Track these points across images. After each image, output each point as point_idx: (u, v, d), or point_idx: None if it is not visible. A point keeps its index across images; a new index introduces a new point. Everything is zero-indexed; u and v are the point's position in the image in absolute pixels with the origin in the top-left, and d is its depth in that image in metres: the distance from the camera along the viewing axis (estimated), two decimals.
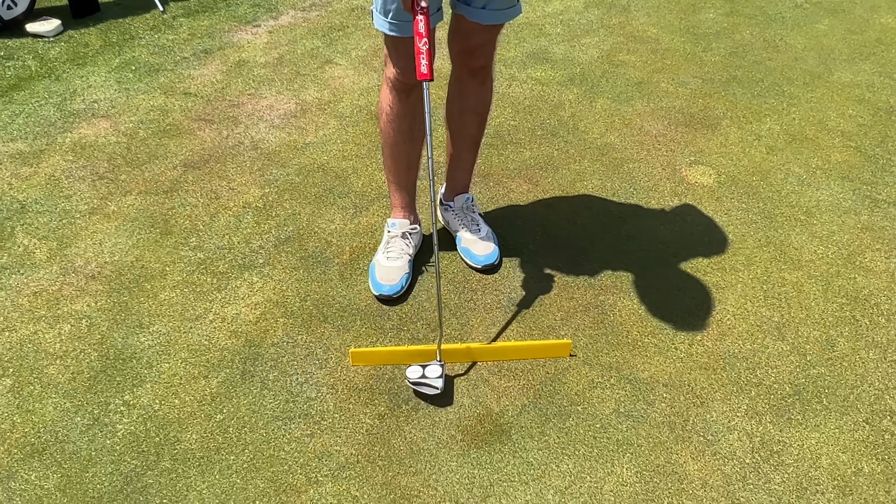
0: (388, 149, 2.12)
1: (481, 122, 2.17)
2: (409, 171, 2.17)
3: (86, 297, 2.16)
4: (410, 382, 1.86)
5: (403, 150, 2.11)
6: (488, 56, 2.01)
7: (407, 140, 2.09)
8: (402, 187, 2.20)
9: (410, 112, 2.02)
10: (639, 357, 2.00)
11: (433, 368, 1.88)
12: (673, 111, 3.03)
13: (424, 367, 1.88)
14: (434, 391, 1.85)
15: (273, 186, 2.59)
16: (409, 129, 2.06)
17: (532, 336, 2.05)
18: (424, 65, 1.64)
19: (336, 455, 1.75)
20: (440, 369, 1.88)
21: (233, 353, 2.00)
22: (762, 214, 2.49)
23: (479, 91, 2.09)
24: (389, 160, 2.15)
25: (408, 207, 2.24)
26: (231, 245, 2.34)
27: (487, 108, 2.15)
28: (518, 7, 1.90)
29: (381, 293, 2.13)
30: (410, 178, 2.20)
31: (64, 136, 2.82)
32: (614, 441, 1.79)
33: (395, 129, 2.06)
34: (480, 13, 1.84)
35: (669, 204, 2.53)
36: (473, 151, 2.25)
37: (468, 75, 2.05)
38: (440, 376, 1.86)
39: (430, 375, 1.86)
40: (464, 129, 2.17)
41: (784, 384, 1.93)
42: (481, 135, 2.21)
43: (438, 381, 1.85)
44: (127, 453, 1.75)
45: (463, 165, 2.27)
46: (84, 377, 1.93)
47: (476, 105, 2.12)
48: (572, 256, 2.31)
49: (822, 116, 3.01)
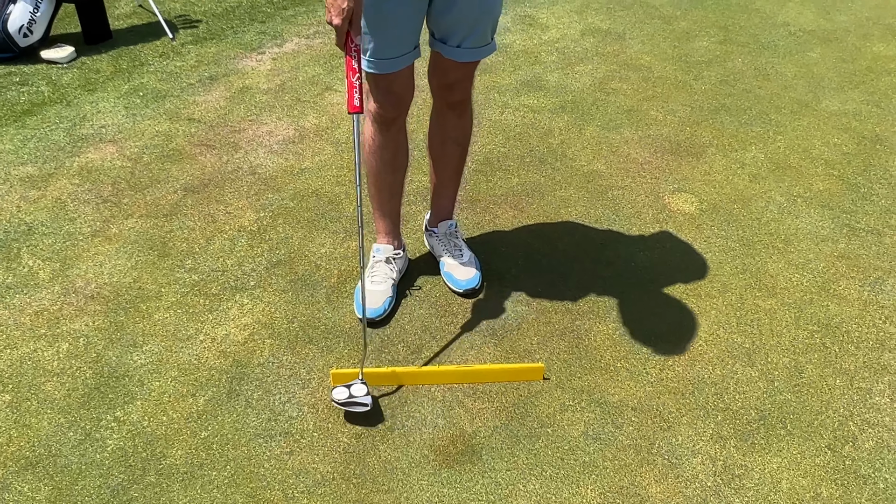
0: (372, 178, 2.22)
1: (462, 153, 2.26)
2: (392, 199, 2.27)
3: (84, 316, 2.26)
4: (339, 404, 1.92)
5: (386, 179, 2.21)
6: (465, 90, 2.10)
7: (389, 170, 2.18)
8: (386, 214, 2.29)
9: (391, 143, 2.12)
10: (610, 381, 2.06)
11: (358, 387, 1.95)
12: (660, 139, 3.10)
13: (349, 387, 1.95)
14: (364, 409, 1.91)
15: (268, 211, 2.69)
16: (391, 159, 2.16)
17: (508, 359, 2.12)
18: (357, 98, 1.72)
19: (313, 472, 1.83)
20: (365, 387, 1.95)
21: (220, 372, 2.09)
22: (741, 242, 2.55)
23: (458, 123, 2.18)
24: (373, 188, 2.25)
25: (392, 233, 2.33)
26: (224, 267, 2.44)
27: (468, 138, 2.24)
28: (493, 45, 1.99)
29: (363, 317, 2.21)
30: (394, 206, 2.29)
31: (72, 161, 2.95)
32: (581, 463, 1.86)
33: (377, 160, 2.15)
34: (455, 51, 1.94)
35: (650, 231, 2.60)
36: (456, 180, 2.34)
37: (447, 108, 2.15)
38: (367, 394, 1.93)
39: (356, 394, 1.93)
40: (445, 158, 2.26)
41: (750, 409, 1.99)
42: (463, 164, 2.30)
43: (367, 398, 1.92)
44: (115, 467, 1.84)
45: (446, 193, 2.35)
46: (79, 394, 2.03)
47: (457, 136, 2.21)
48: (552, 282, 2.38)
49: (807, 145, 3.07)
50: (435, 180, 2.34)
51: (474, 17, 1.88)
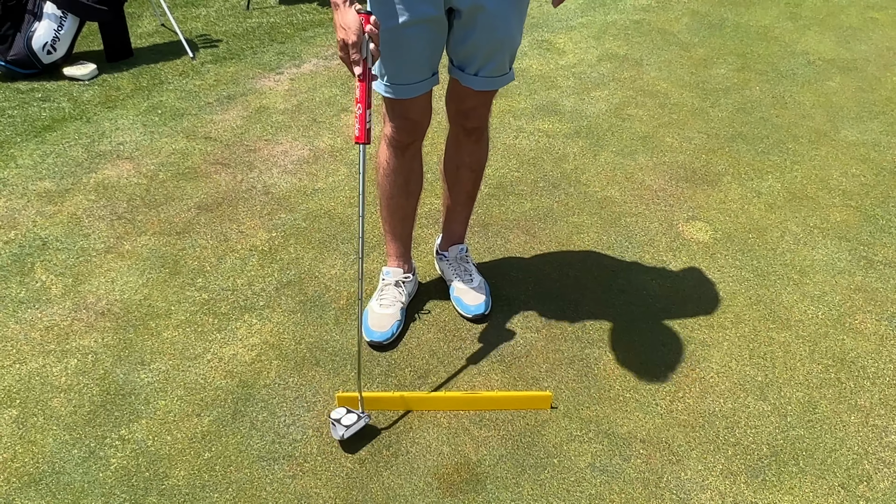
0: (385, 201, 2.22)
1: (477, 179, 2.26)
2: (405, 222, 2.26)
3: (94, 332, 2.27)
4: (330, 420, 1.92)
5: (399, 203, 2.20)
6: (482, 118, 2.10)
7: (403, 194, 2.18)
8: (397, 238, 2.28)
9: (405, 167, 2.11)
10: (619, 412, 2.03)
11: (351, 417, 1.92)
12: (675, 166, 3.09)
13: (347, 413, 1.93)
14: (337, 435, 1.89)
15: (280, 230, 2.70)
16: (404, 183, 2.15)
17: (516, 386, 2.10)
18: (357, 129, 1.73)
19: (315, 497, 1.82)
20: (355, 417, 1.92)
21: (226, 392, 2.08)
22: (755, 272, 2.52)
23: (474, 149, 2.18)
24: (385, 212, 2.24)
25: (402, 257, 2.32)
26: (235, 287, 2.44)
27: (483, 164, 2.24)
28: (510, 74, 1.98)
29: (372, 339, 2.20)
30: (406, 230, 2.29)
31: (89, 177, 2.98)
32: (587, 495, 1.82)
33: (391, 183, 2.15)
34: (473, 79, 1.94)
35: (663, 259, 2.57)
36: (469, 206, 2.33)
37: (464, 135, 2.14)
38: (351, 425, 1.90)
39: (345, 422, 1.91)
40: (459, 184, 2.26)
41: (762, 445, 1.95)
42: (476, 189, 2.30)
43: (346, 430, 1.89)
44: (117, 487, 1.84)
45: (458, 218, 2.35)
46: (85, 411, 2.03)
47: (471, 162, 2.21)
48: (562, 308, 2.36)
49: (824, 175, 3.04)
50: (448, 205, 2.33)
51: (492, 46, 1.88)
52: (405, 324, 2.28)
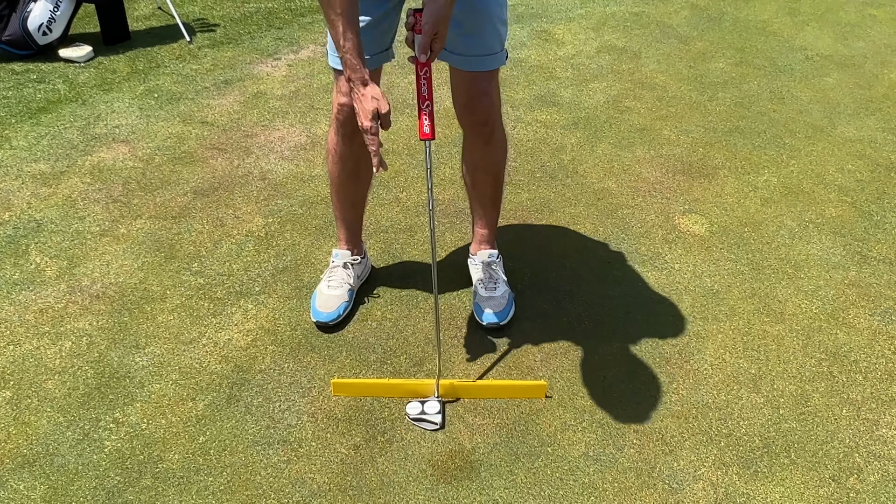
0: (334, 187, 2.23)
1: (495, 182, 2.22)
2: (354, 208, 2.28)
3: (89, 315, 2.26)
4: (410, 419, 1.95)
5: (347, 189, 2.22)
6: (487, 113, 2.04)
7: (351, 181, 2.20)
8: (347, 221, 2.30)
9: (354, 155, 2.10)
10: (613, 402, 2.04)
11: (432, 405, 1.97)
12: (672, 159, 3.09)
13: (423, 404, 1.97)
14: (434, 427, 1.94)
15: (276, 216, 2.69)
16: (353, 170, 2.16)
17: (511, 375, 2.11)
18: (427, 125, 1.73)
19: (309, 482, 1.82)
20: (438, 405, 1.97)
21: (221, 377, 2.08)
22: (750, 266, 2.53)
23: (485, 151, 2.14)
24: (335, 197, 2.25)
25: (351, 241, 2.33)
26: (230, 272, 2.43)
27: (499, 168, 2.20)
28: (501, 56, 1.95)
29: (318, 320, 2.21)
30: (355, 215, 2.30)
31: (84, 159, 2.96)
32: (580, 484, 1.83)
33: (339, 170, 2.16)
34: (461, 60, 1.93)
35: (659, 251, 2.58)
36: (492, 210, 2.29)
37: (472, 135, 2.12)
38: (439, 412, 1.95)
39: (428, 412, 1.96)
40: (477, 188, 2.25)
41: (754, 436, 1.96)
42: (498, 193, 2.27)
43: (437, 416, 1.95)
44: (111, 469, 1.84)
45: (482, 221, 2.32)
46: (79, 393, 2.02)
47: (486, 165, 2.18)
48: (557, 299, 2.37)
49: (820, 170, 3.05)
50: (472, 207, 2.33)
51: (472, 21, 1.84)
52: (353, 306, 2.29)
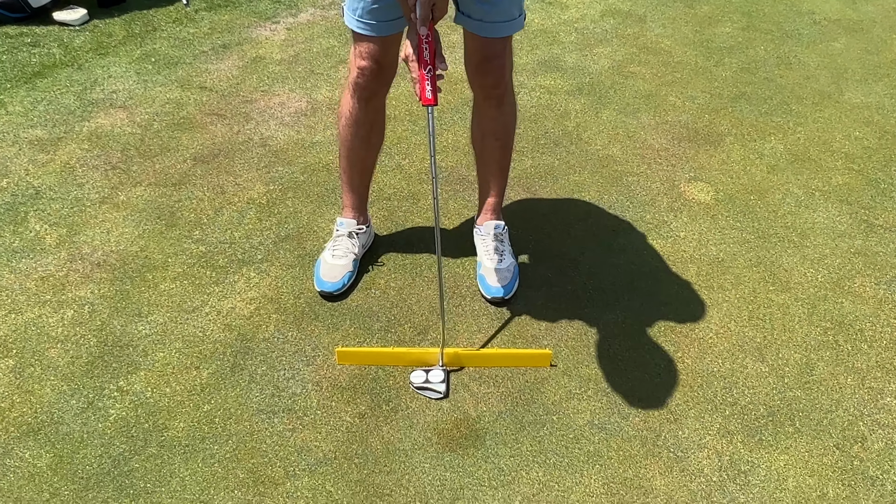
0: (345, 151, 2.19)
1: (503, 148, 2.19)
2: (363, 175, 2.25)
3: (90, 283, 2.24)
4: (414, 387, 1.95)
5: (359, 154, 2.18)
6: (499, 75, 2.00)
7: (364, 146, 2.16)
8: (354, 189, 2.26)
9: (368, 119, 2.08)
10: (618, 370, 2.04)
11: (436, 373, 1.96)
12: (678, 125, 3.05)
13: (427, 372, 1.96)
14: (437, 395, 1.93)
15: (277, 184, 2.66)
16: (366, 135, 2.12)
17: (515, 344, 2.10)
18: (429, 91, 1.69)
19: (315, 451, 1.82)
20: (443, 374, 1.96)
21: (225, 345, 2.07)
22: (756, 234, 2.51)
23: (496, 115, 2.10)
24: (345, 162, 2.21)
25: (357, 208, 2.30)
26: (232, 240, 2.41)
27: (509, 133, 2.17)
28: (519, 21, 1.91)
29: (322, 289, 2.19)
30: (364, 182, 2.27)
31: (82, 125, 2.92)
32: (585, 452, 1.84)
33: (352, 135, 2.12)
34: (478, 25, 1.88)
35: (664, 219, 2.56)
36: (500, 177, 2.26)
37: (483, 99, 2.09)
38: (443, 381, 1.95)
39: (433, 380, 1.95)
40: (486, 154, 2.21)
41: (759, 405, 1.96)
42: (507, 160, 2.23)
43: (441, 385, 1.94)
44: (117, 437, 1.84)
45: (489, 190, 2.28)
46: (82, 362, 2.01)
47: (496, 130, 2.14)
48: (562, 267, 2.35)
49: (827, 137, 3.01)
50: (480, 176, 2.30)
51: None
52: (357, 275, 2.27)
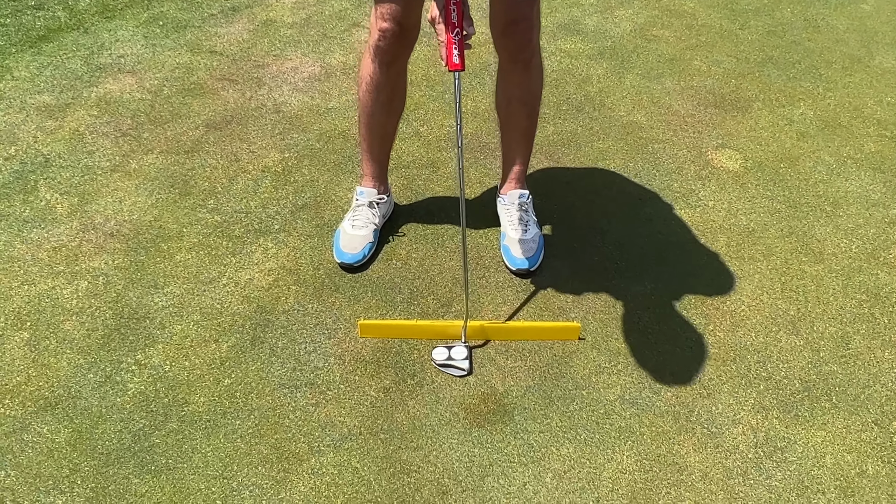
0: (365, 118, 2.11)
1: (531, 114, 2.11)
2: (384, 142, 2.17)
3: (104, 254, 2.19)
4: (437, 364, 1.89)
5: (379, 120, 2.10)
6: (526, 38, 1.92)
7: (384, 112, 2.08)
8: (374, 157, 2.19)
9: (390, 84, 2.00)
10: (648, 344, 1.98)
11: (459, 350, 1.90)
12: (704, 91, 2.95)
13: (450, 349, 1.90)
14: (461, 373, 1.88)
15: (293, 151, 2.58)
16: (387, 100, 2.05)
17: (542, 317, 2.04)
18: (456, 55, 1.63)
19: (339, 426, 1.78)
20: (466, 351, 1.90)
21: (244, 318, 2.02)
22: (787, 203, 2.44)
23: (522, 79, 2.02)
24: (364, 129, 2.14)
25: (378, 177, 2.23)
26: (248, 209, 2.35)
27: (536, 98, 2.09)
28: None
29: (342, 261, 2.13)
30: (384, 150, 2.19)
31: (90, 91, 2.84)
32: (616, 428, 1.79)
33: (373, 100, 2.04)
34: None
35: (692, 188, 2.48)
36: (525, 145, 2.19)
37: (509, 62, 2.00)
38: (466, 357, 1.89)
39: (455, 357, 1.89)
40: (511, 119, 2.13)
41: (794, 380, 1.91)
42: (533, 127, 2.15)
43: (464, 363, 1.88)
44: (136, 412, 1.79)
45: (514, 157, 2.21)
46: (98, 334, 1.96)
47: (522, 94, 2.06)
48: (588, 238, 2.28)
49: (858, 103, 2.91)
50: (504, 142, 2.22)
51: None
52: (378, 245, 2.21)
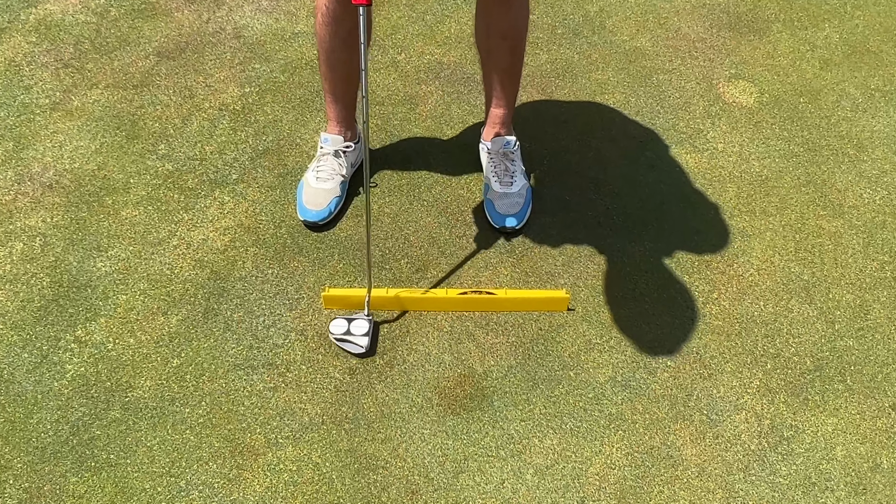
0: (324, 55, 1.84)
1: (514, 50, 1.83)
2: (348, 82, 1.90)
3: (41, 210, 1.96)
4: (334, 339, 1.69)
5: (340, 57, 1.83)
6: None
7: (346, 48, 1.80)
8: (339, 99, 1.93)
9: (350, 15, 1.70)
10: (644, 315, 1.79)
11: (359, 324, 1.70)
12: (717, 9, 2.63)
13: (350, 322, 1.70)
14: (358, 349, 1.67)
15: (254, 85, 2.31)
16: (347, 34, 1.76)
17: (528, 283, 1.84)
18: None
19: (299, 414, 1.61)
20: (367, 325, 1.69)
21: (196, 286, 1.81)
22: (805, 146, 2.18)
23: (502, 10, 1.74)
24: (325, 67, 1.87)
25: (344, 122, 1.97)
26: (203, 155, 2.10)
27: (520, 34, 1.80)
28: None
29: (306, 219, 1.92)
30: (349, 90, 1.93)
31: (28, 13, 2.52)
32: (606, 415, 1.62)
33: (331, 34, 1.77)
34: None
35: (699, 127, 2.22)
36: (510, 85, 1.91)
37: None
38: (366, 333, 1.68)
39: (354, 332, 1.68)
40: (492, 55, 1.85)
41: (805, 357, 1.72)
42: (517, 65, 1.87)
43: (363, 339, 1.67)
44: (75, 399, 1.62)
45: (497, 99, 1.93)
46: (34, 306, 1.77)
47: (504, 28, 1.77)
48: (581, 187, 2.05)
49: (890, 24, 2.60)
50: (485, 81, 1.94)
51: None
52: (346, 200, 1.98)
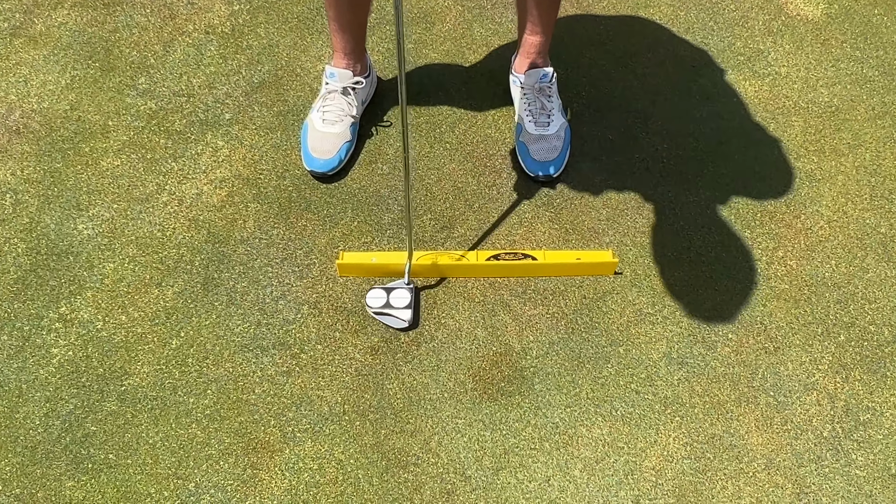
0: None
1: None
2: (356, 8, 1.61)
3: (9, 161, 1.71)
4: (372, 313, 1.50)
5: None
6: None
7: None
8: (345, 28, 1.64)
9: None
10: (700, 279, 1.58)
11: (400, 293, 1.49)
12: None
13: (389, 292, 1.50)
14: (401, 324, 1.49)
15: (244, 2, 2.00)
16: None
17: (568, 241, 1.62)
18: None
19: (318, 402, 1.43)
20: (409, 295, 1.49)
21: (192, 251, 1.60)
22: (881, 69, 1.91)
23: None
24: None
25: (352, 54, 1.69)
26: (190, 90, 1.83)
27: None
28: None
29: (313, 169, 1.68)
30: (357, 17, 1.64)
31: None
32: (661, 399, 1.45)
33: None
34: None
35: (759, 47, 1.93)
36: (550, 5, 1.61)
37: None
38: (408, 305, 1.48)
39: (395, 304, 1.48)
40: None
41: (882, 326, 1.53)
42: None
43: (405, 312, 1.48)
44: (64, 388, 1.44)
45: (534, 25, 1.64)
46: (11, 278, 1.56)
47: None
48: (626, 125, 1.79)
49: None
50: (517, 1, 1.65)
51: None
52: (357, 144, 1.73)
